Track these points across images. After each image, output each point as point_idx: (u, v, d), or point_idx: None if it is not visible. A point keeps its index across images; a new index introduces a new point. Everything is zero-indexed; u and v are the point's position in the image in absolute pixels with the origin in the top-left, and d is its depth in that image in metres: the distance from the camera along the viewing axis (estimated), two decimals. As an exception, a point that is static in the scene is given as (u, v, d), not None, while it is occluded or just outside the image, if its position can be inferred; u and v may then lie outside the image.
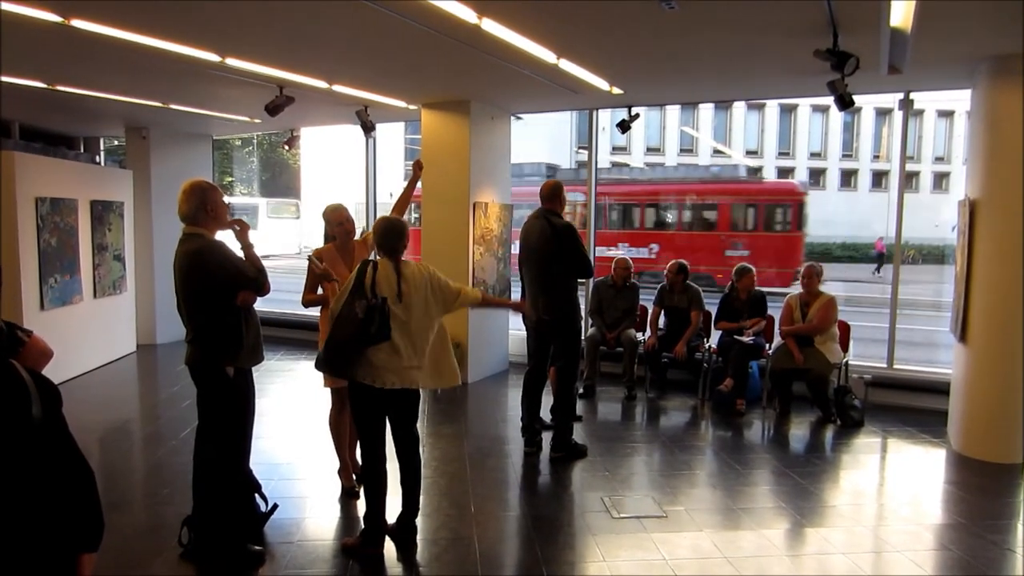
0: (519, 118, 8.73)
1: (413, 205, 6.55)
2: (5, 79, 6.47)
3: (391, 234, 3.81)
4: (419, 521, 4.07)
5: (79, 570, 1.53)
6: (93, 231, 8.33)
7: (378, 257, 3.86)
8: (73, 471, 1.48)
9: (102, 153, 11.53)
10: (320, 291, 4.51)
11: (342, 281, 4.06)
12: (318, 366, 3.83)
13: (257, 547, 3.87)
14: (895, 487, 5.21)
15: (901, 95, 6.88)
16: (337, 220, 4.63)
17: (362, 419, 3.91)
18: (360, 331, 3.59)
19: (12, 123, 9.16)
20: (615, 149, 34.11)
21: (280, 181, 41.19)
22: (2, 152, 7.36)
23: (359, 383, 3.75)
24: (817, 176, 37.93)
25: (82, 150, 10.90)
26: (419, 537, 4.04)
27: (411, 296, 3.74)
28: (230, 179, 33.02)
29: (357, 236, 4.76)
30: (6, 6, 4.30)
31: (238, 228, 3.70)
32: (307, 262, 4.46)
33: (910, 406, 6.89)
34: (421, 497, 4.14)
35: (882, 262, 24.35)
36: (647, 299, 7.74)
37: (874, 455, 5.84)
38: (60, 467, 1.45)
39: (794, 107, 36.31)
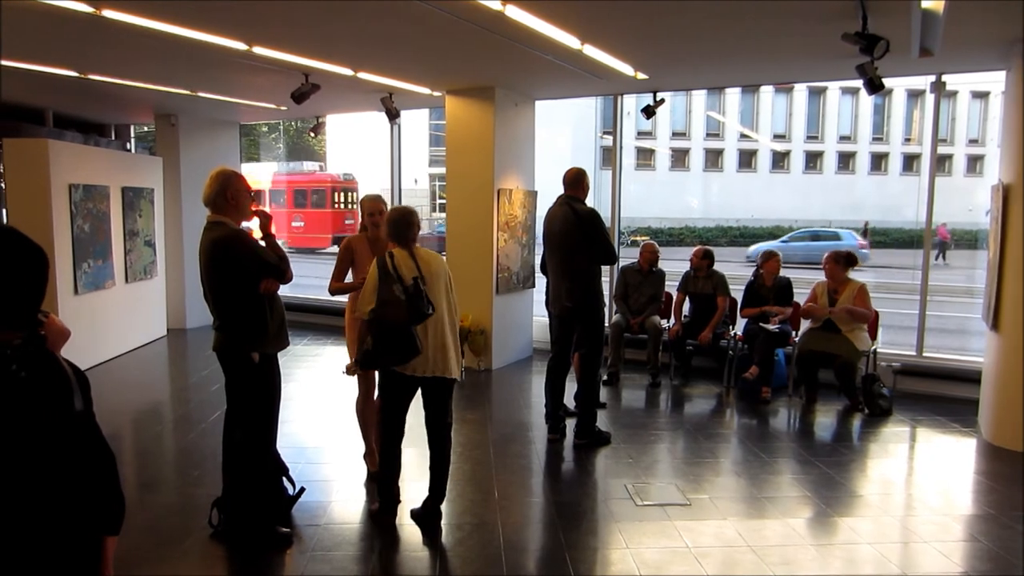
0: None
1: (439, 191, 6.57)
2: (39, 68, 6.58)
3: (401, 223, 3.93)
4: (443, 506, 4.13)
5: (103, 552, 1.58)
6: (124, 217, 8.47)
7: (392, 248, 3.94)
8: (97, 456, 1.52)
9: (132, 140, 11.68)
10: (348, 279, 4.55)
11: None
12: (374, 363, 3.86)
13: (285, 529, 3.94)
14: (924, 477, 5.16)
15: (933, 78, 6.73)
16: (369, 211, 4.65)
17: (389, 404, 4.01)
18: (410, 308, 3.69)
19: (46, 111, 9.31)
20: (640, 134, 33.84)
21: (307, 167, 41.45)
22: (36, 140, 7.52)
23: (395, 372, 3.86)
24: (847, 160, 37.35)
25: (113, 137, 11.06)
26: (443, 522, 4.10)
27: (432, 280, 3.86)
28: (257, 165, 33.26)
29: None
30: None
31: (260, 219, 3.78)
32: (336, 249, 4.54)
33: (940, 395, 6.80)
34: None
35: (944, 249, 23.96)
36: (672, 284, 7.70)
37: (902, 444, 5.78)
38: (87, 453, 1.49)
39: (823, 90, 35.69)
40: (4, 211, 7.90)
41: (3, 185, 7.81)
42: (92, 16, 4.76)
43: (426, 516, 4.07)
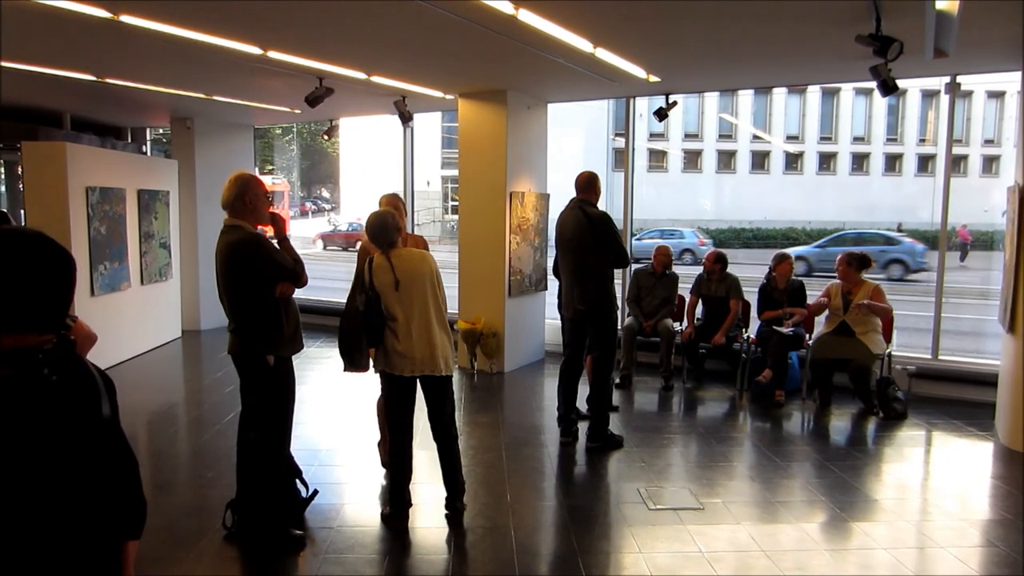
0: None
1: (451, 193, 6.61)
2: (58, 72, 6.66)
3: (379, 228, 3.98)
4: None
5: (124, 556, 1.59)
6: (140, 219, 8.55)
7: (373, 253, 4.03)
8: (121, 461, 1.53)
9: (148, 143, 11.78)
10: None
11: None
12: (345, 367, 4.20)
13: (298, 531, 3.96)
14: (940, 481, 5.12)
15: (948, 79, 6.68)
16: (382, 204, 4.62)
17: (389, 405, 4.11)
18: (364, 322, 3.93)
19: (63, 114, 9.41)
20: (652, 136, 33.77)
21: (320, 169, 41.71)
22: (54, 143, 7.60)
23: (385, 372, 3.99)
24: (861, 161, 37.09)
25: (129, 140, 11.16)
26: (450, 521, 4.13)
27: (411, 283, 3.92)
28: (271, 167, 33.52)
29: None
30: (58, 2, 4.42)
31: (275, 223, 3.84)
32: (356, 253, 4.61)
33: (956, 398, 6.75)
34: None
35: (966, 251, 23.78)
36: (684, 287, 7.68)
37: (918, 448, 5.74)
38: (112, 458, 1.50)
39: (837, 90, 35.45)
40: (23, 213, 7.98)
41: (21, 187, 7.90)
42: (110, 21, 4.81)
43: (449, 512, 4.17)
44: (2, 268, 1.32)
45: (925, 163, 36.55)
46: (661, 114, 7.59)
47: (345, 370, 4.27)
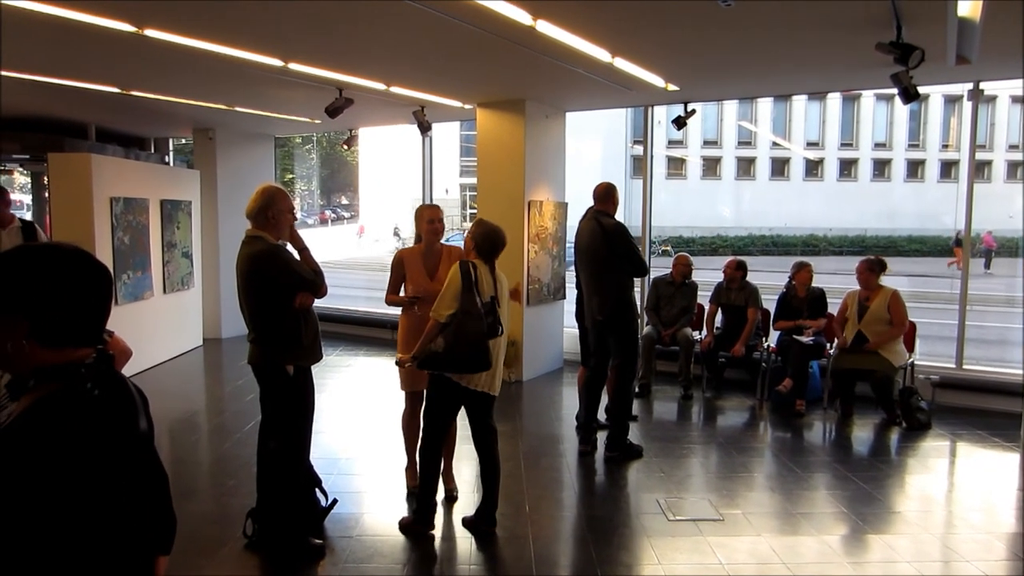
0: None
1: (469, 201, 6.62)
2: (84, 85, 6.78)
3: (493, 239, 4.00)
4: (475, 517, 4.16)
5: (155, 572, 1.60)
6: (163, 229, 8.65)
7: (474, 260, 3.98)
8: (154, 477, 1.55)
9: (171, 153, 11.93)
10: (403, 292, 4.58)
11: (423, 293, 4.32)
12: (438, 366, 3.88)
13: (318, 540, 3.98)
14: (965, 493, 5.04)
15: (970, 85, 6.62)
16: (429, 218, 4.58)
17: (437, 414, 4.08)
18: (488, 324, 3.85)
19: (89, 125, 9.56)
20: (671, 143, 33.67)
21: (339, 178, 42.00)
22: (80, 154, 7.73)
23: (446, 379, 3.92)
24: (882, 167, 36.73)
25: (152, 150, 11.31)
26: (474, 534, 4.11)
27: (502, 301, 4.01)
28: (291, 176, 33.78)
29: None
30: (84, 17, 4.51)
31: (294, 236, 3.88)
32: (391, 261, 4.64)
33: (980, 408, 6.65)
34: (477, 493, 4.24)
35: (991, 257, 23.49)
36: (704, 296, 7.65)
37: (942, 459, 5.66)
38: (147, 473, 1.51)
39: (857, 96, 35.17)
40: (48, 222, 8.11)
41: (47, 197, 8.03)
42: (135, 35, 4.90)
43: (480, 522, 4.13)
44: (44, 284, 1.34)
45: (948, 169, 36.11)
46: (680, 122, 7.57)
47: (448, 371, 3.93)
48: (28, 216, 12.10)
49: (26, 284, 1.33)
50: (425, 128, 8.28)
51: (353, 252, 28.68)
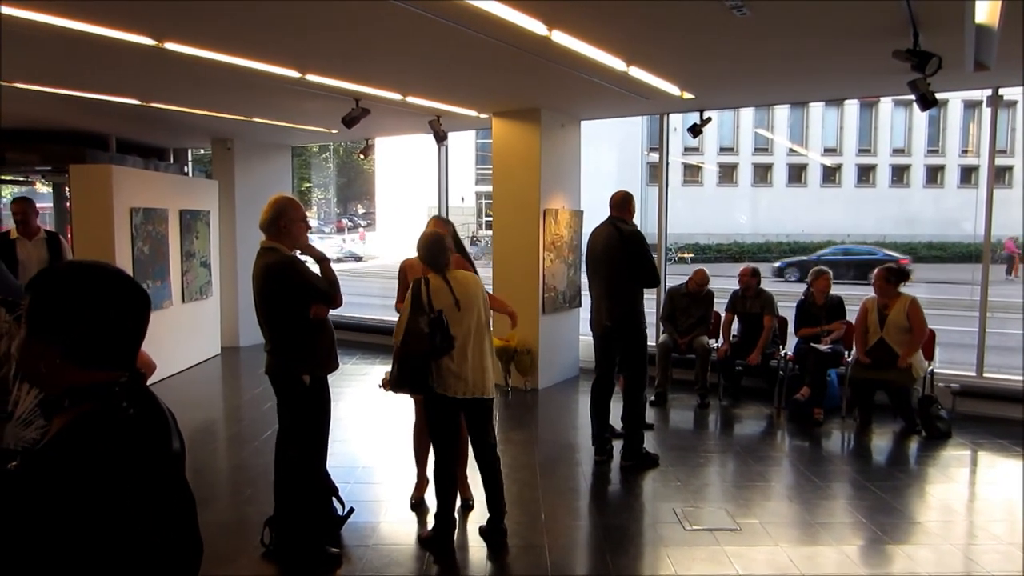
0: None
1: (485, 209, 6.63)
2: (105, 97, 6.89)
3: (433, 249, 3.98)
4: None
5: None
6: (182, 239, 8.75)
7: (427, 274, 4.00)
8: (182, 498, 1.54)
9: (190, 163, 12.07)
10: None
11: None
12: (395, 387, 4.03)
13: (335, 549, 4.00)
14: (986, 503, 4.98)
15: (989, 91, 6.56)
16: (431, 230, 4.53)
17: (436, 426, 4.06)
18: (429, 344, 3.80)
19: (109, 137, 9.70)
20: (687, 150, 33.57)
21: (356, 186, 42.25)
22: (101, 166, 7.84)
23: (434, 392, 3.92)
24: (900, 173, 36.40)
25: (172, 161, 11.45)
26: (488, 544, 4.12)
27: (468, 304, 3.92)
28: (307, 184, 34.01)
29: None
30: (106, 32, 4.59)
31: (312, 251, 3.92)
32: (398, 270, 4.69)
33: (1001, 417, 6.56)
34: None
35: (1013, 264, 23.19)
36: (720, 303, 7.62)
37: (963, 469, 5.59)
38: (177, 494, 1.50)
39: (875, 102, 34.89)
40: (69, 233, 8.23)
41: (68, 207, 8.14)
42: (155, 48, 4.98)
43: (491, 533, 4.14)
44: (83, 307, 1.34)
45: (968, 175, 35.71)
46: (695, 130, 7.57)
47: (397, 391, 4.14)
48: (50, 226, 12.26)
49: (64, 307, 1.33)
50: (441, 137, 8.33)
51: (364, 259, 28.84)
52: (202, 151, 12.32)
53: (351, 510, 4.25)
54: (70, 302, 1.33)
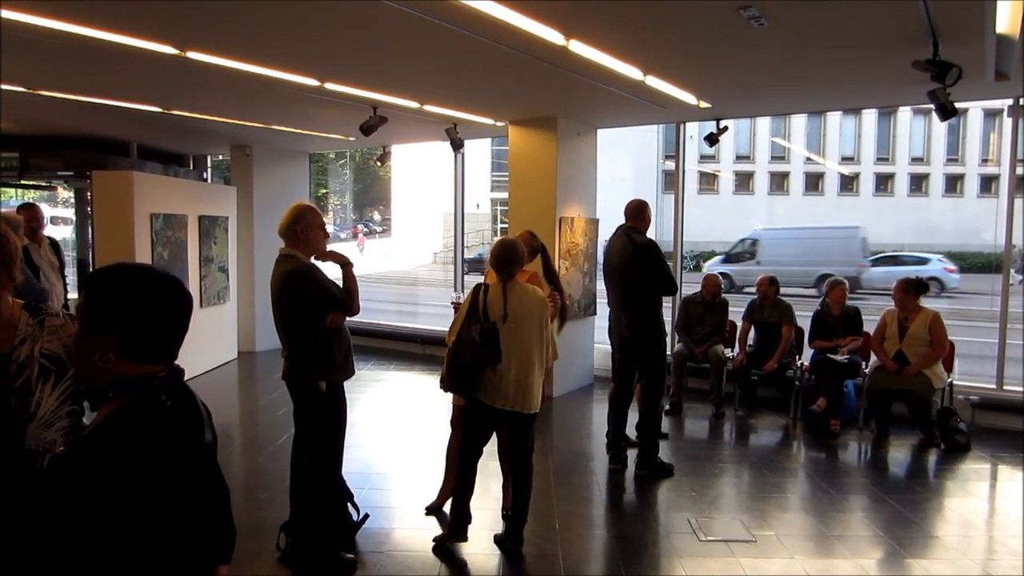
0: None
1: (501, 215, 6.65)
2: (127, 104, 6.99)
3: (502, 257, 3.97)
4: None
5: None
6: (200, 244, 8.83)
7: (489, 281, 4.04)
8: (216, 486, 1.60)
9: (209, 169, 12.20)
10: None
11: None
12: (443, 386, 4.10)
13: (350, 555, 4.02)
14: (1005, 517, 4.91)
15: (1011, 101, 6.51)
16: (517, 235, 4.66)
17: (470, 428, 4.09)
18: (476, 354, 3.82)
19: (130, 143, 9.83)
20: (703, 158, 33.47)
21: (372, 192, 42.47)
22: (122, 172, 7.94)
23: (477, 400, 3.95)
24: (919, 182, 36.09)
25: (191, 167, 11.58)
26: (503, 552, 4.12)
27: (520, 317, 3.88)
28: (324, 191, 34.23)
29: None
30: (130, 41, 4.67)
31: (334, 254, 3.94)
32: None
33: (1022, 430, 6.47)
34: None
35: None
36: (736, 312, 7.59)
37: (982, 482, 5.53)
38: (211, 484, 1.57)
39: (893, 111, 34.64)
40: (91, 238, 8.33)
41: (90, 212, 8.25)
42: (177, 57, 5.05)
43: (508, 541, 4.12)
44: (140, 304, 1.46)
45: (988, 184, 35.35)
46: (712, 139, 7.57)
47: (446, 391, 4.18)
48: (71, 230, 12.43)
49: (124, 303, 1.45)
50: (457, 145, 8.37)
51: (383, 265, 28.94)
52: (221, 157, 12.45)
53: (366, 516, 4.27)
54: (127, 298, 1.45)
